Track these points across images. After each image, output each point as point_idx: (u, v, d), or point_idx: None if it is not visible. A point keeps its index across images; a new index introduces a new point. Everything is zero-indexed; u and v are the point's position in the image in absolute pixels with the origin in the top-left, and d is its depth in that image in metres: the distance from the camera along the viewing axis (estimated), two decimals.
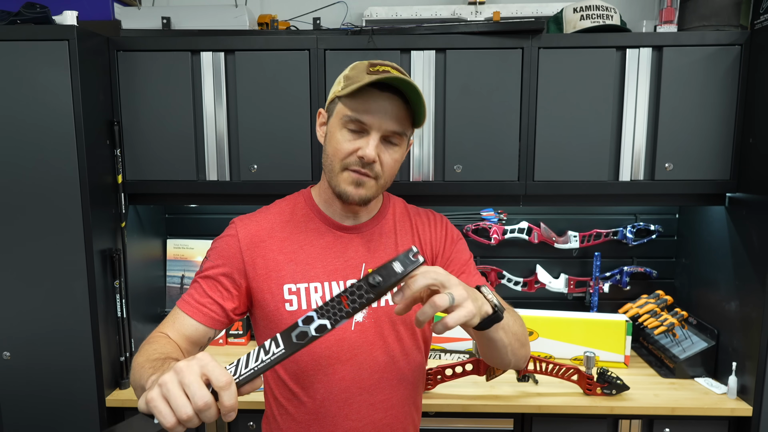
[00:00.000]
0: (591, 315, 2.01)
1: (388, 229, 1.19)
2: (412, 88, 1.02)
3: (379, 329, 1.12)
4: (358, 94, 1.04)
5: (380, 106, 1.04)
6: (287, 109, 1.74)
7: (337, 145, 1.07)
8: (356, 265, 1.13)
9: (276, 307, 1.09)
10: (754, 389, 1.65)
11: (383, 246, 1.17)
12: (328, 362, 1.09)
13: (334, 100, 1.10)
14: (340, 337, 1.09)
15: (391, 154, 1.08)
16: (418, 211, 1.26)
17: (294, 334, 0.76)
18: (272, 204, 1.21)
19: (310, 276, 1.10)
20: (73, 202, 1.61)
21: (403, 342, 1.15)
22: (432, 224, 1.24)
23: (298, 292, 1.09)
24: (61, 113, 1.58)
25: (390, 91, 1.04)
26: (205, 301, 1.09)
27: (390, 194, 1.26)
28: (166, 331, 1.07)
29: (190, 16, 1.82)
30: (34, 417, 1.70)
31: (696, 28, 1.78)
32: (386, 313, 1.13)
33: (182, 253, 2.17)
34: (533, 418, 1.72)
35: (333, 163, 1.08)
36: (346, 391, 1.10)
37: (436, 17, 1.94)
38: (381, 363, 1.12)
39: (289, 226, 1.14)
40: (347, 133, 1.06)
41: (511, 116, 1.74)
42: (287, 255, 1.11)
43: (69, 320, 1.66)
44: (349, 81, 1.06)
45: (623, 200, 1.83)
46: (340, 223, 1.15)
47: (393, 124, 1.05)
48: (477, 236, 2.13)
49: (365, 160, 1.04)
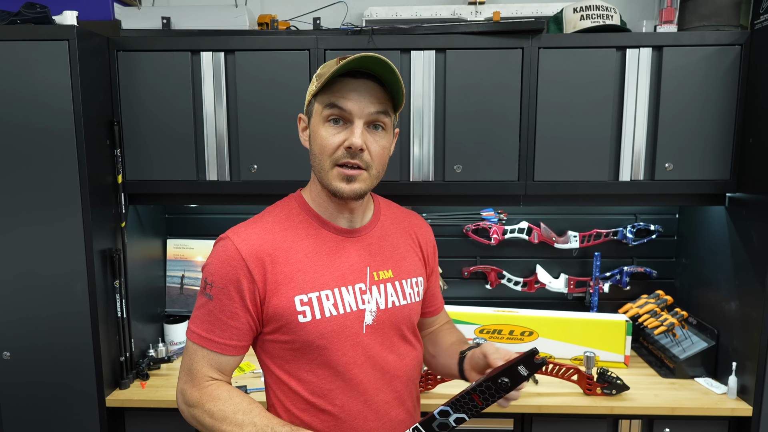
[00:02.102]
0: (591, 315, 2.01)
1: (385, 231, 1.20)
2: (384, 66, 1.01)
3: (386, 330, 1.14)
4: (332, 86, 1.03)
5: (357, 92, 1.03)
6: (287, 109, 1.74)
7: (322, 141, 1.05)
8: (361, 269, 1.13)
9: (289, 320, 1.06)
10: (754, 389, 1.65)
11: (384, 249, 1.17)
12: (345, 368, 1.09)
13: (311, 102, 1.09)
14: (354, 341, 1.09)
15: (378, 140, 1.06)
16: (404, 212, 1.28)
17: (435, 424, 0.94)
18: (264, 212, 1.16)
19: (320, 284, 1.08)
20: (73, 202, 1.61)
21: (407, 339, 1.18)
22: (425, 229, 1.30)
23: (310, 302, 1.06)
24: (61, 113, 1.58)
25: (364, 77, 1.04)
26: (231, 333, 1.07)
27: (376, 195, 1.26)
28: (211, 375, 1.08)
29: (190, 16, 1.82)
30: (34, 417, 1.70)
31: (696, 28, 1.78)
32: (392, 314, 1.14)
33: (182, 253, 2.17)
34: (533, 418, 1.72)
35: (322, 161, 1.06)
36: (365, 393, 1.10)
37: (436, 17, 1.94)
38: (391, 362, 1.14)
39: (290, 233, 1.11)
40: (330, 127, 1.05)
41: (511, 116, 1.74)
42: (293, 265, 1.08)
43: (69, 320, 1.65)
44: (321, 78, 1.05)
45: (623, 200, 1.83)
46: (339, 227, 1.14)
47: (374, 106, 1.04)
48: (477, 236, 2.13)
49: (353, 149, 1.02)
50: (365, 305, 1.11)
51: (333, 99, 1.04)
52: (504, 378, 0.91)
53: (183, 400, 1.10)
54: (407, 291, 1.17)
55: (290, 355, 1.09)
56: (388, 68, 1.02)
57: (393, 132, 1.13)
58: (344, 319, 1.08)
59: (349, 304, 1.09)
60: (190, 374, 1.09)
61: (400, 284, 1.16)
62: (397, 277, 1.16)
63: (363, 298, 1.11)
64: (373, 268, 1.14)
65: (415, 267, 1.22)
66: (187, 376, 1.09)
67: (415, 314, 1.20)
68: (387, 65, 1.01)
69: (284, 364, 1.10)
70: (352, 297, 1.10)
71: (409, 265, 1.20)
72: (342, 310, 1.08)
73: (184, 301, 2.15)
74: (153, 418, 1.75)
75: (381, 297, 1.13)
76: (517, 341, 1.99)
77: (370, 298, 1.11)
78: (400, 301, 1.15)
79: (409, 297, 1.17)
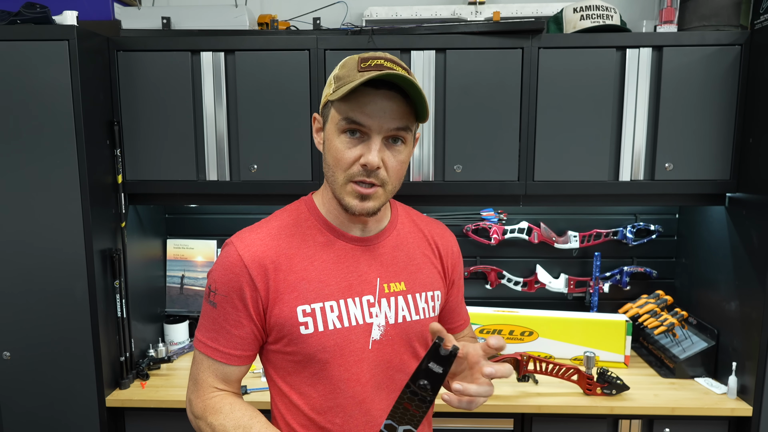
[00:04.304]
0: (591, 315, 2.01)
1: (401, 240, 1.12)
2: (409, 84, 0.94)
3: (395, 346, 1.07)
4: (352, 96, 0.95)
5: (378, 106, 0.95)
6: (287, 109, 1.74)
7: (337, 154, 0.98)
8: (371, 280, 1.06)
9: (290, 331, 1.01)
10: (754, 389, 1.65)
11: (398, 260, 1.10)
12: (347, 385, 1.03)
13: (327, 104, 1.02)
14: (359, 357, 1.03)
15: (396, 156, 0.99)
16: (424, 219, 1.20)
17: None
18: (272, 216, 1.10)
19: (325, 294, 1.02)
20: (73, 202, 1.61)
21: (419, 357, 1.10)
22: (447, 238, 1.20)
23: (313, 313, 1.01)
24: (61, 113, 1.58)
25: (386, 87, 0.95)
26: (235, 342, 1.03)
27: (394, 201, 1.19)
28: (215, 385, 1.05)
29: (190, 16, 1.82)
30: (34, 417, 1.70)
31: (696, 28, 1.78)
32: (402, 329, 1.08)
33: (182, 253, 2.17)
34: (533, 418, 1.72)
35: (336, 174, 1.00)
36: (367, 413, 1.05)
37: (436, 17, 1.94)
38: (399, 381, 1.07)
39: (296, 240, 1.05)
40: (346, 139, 0.98)
41: (511, 116, 1.74)
42: (298, 273, 1.02)
43: (69, 320, 1.66)
44: (341, 82, 0.97)
45: (623, 200, 1.83)
46: (350, 234, 1.07)
47: (395, 122, 0.96)
48: (477, 236, 2.13)
49: (369, 167, 0.96)
50: (373, 319, 1.04)
51: (351, 112, 0.96)
52: (421, 381, 0.85)
53: (190, 410, 1.08)
54: (420, 305, 1.10)
55: (292, 368, 1.05)
56: (412, 86, 0.94)
57: (414, 141, 1.06)
58: (349, 333, 1.02)
59: (355, 316, 1.03)
60: (195, 384, 1.06)
61: (413, 298, 1.09)
62: (410, 290, 1.09)
63: (371, 311, 1.04)
64: (384, 279, 1.07)
65: (433, 280, 1.14)
66: (194, 386, 1.07)
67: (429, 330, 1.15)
68: (413, 85, 0.94)
69: (287, 376, 1.06)
70: (358, 309, 1.04)
71: (425, 278, 1.12)
72: (347, 323, 1.03)
73: (184, 301, 2.15)
74: (153, 418, 1.75)
75: (391, 311, 1.06)
76: (517, 341, 1.99)
77: (378, 312, 1.05)
78: (412, 316, 1.08)
79: (423, 312, 1.10)
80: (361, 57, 0.99)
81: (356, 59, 0.99)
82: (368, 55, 0.98)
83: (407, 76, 0.93)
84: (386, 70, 0.93)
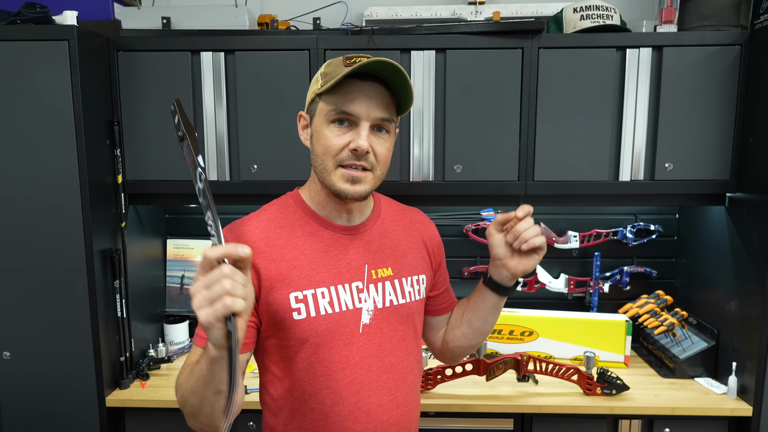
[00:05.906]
0: (591, 315, 2.01)
1: (385, 228, 1.18)
2: (394, 70, 1.00)
3: (384, 329, 1.11)
4: (340, 88, 1.02)
5: (365, 95, 1.02)
6: (287, 109, 1.74)
7: (327, 142, 1.04)
8: (359, 266, 1.11)
9: (283, 317, 1.05)
10: (754, 389, 1.65)
11: (384, 246, 1.16)
12: (337, 367, 1.07)
13: (314, 100, 1.08)
14: (349, 340, 1.08)
15: (382, 143, 1.06)
16: (405, 208, 1.27)
17: None
18: (260, 210, 1.15)
19: (316, 281, 1.07)
20: (73, 202, 1.61)
21: (408, 341, 1.16)
22: (428, 225, 1.28)
23: (305, 299, 1.06)
24: (61, 113, 1.58)
25: (371, 79, 1.03)
26: None
27: (376, 192, 1.24)
28: None
29: (190, 16, 1.82)
30: (34, 417, 1.70)
31: (696, 28, 1.78)
32: (390, 313, 1.12)
33: (182, 253, 2.17)
34: (533, 418, 1.72)
35: (325, 161, 1.06)
36: (356, 394, 1.08)
37: (436, 17, 1.94)
38: (388, 363, 1.11)
39: (285, 230, 1.10)
40: (335, 128, 1.04)
41: (511, 116, 1.74)
42: (289, 262, 1.07)
43: (69, 320, 1.66)
44: (328, 77, 1.03)
45: (623, 200, 1.83)
46: (336, 224, 1.13)
47: (381, 111, 1.04)
48: (477, 236, 2.13)
49: (359, 151, 1.02)
50: (362, 304, 1.09)
51: (340, 101, 1.03)
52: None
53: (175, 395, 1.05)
54: (407, 289, 1.16)
55: (284, 353, 1.08)
56: (399, 74, 1.01)
57: (395, 134, 1.13)
58: (340, 318, 1.07)
59: (345, 302, 1.08)
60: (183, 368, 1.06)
61: (400, 282, 1.15)
62: (397, 275, 1.15)
63: (360, 297, 1.09)
64: (371, 266, 1.13)
65: (418, 264, 1.20)
66: None
67: (416, 313, 1.19)
68: (399, 71, 1.01)
69: (279, 361, 1.09)
70: (348, 295, 1.09)
71: (410, 263, 1.18)
72: (338, 308, 1.07)
73: (184, 301, 2.15)
74: (153, 418, 1.75)
75: (379, 295, 1.12)
76: (517, 341, 1.99)
77: (367, 297, 1.10)
78: (398, 300, 1.14)
79: (409, 295, 1.16)
80: (345, 56, 1.05)
81: (341, 58, 1.05)
82: (353, 55, 1.05)
83: (395, 64, 0.99)
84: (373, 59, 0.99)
